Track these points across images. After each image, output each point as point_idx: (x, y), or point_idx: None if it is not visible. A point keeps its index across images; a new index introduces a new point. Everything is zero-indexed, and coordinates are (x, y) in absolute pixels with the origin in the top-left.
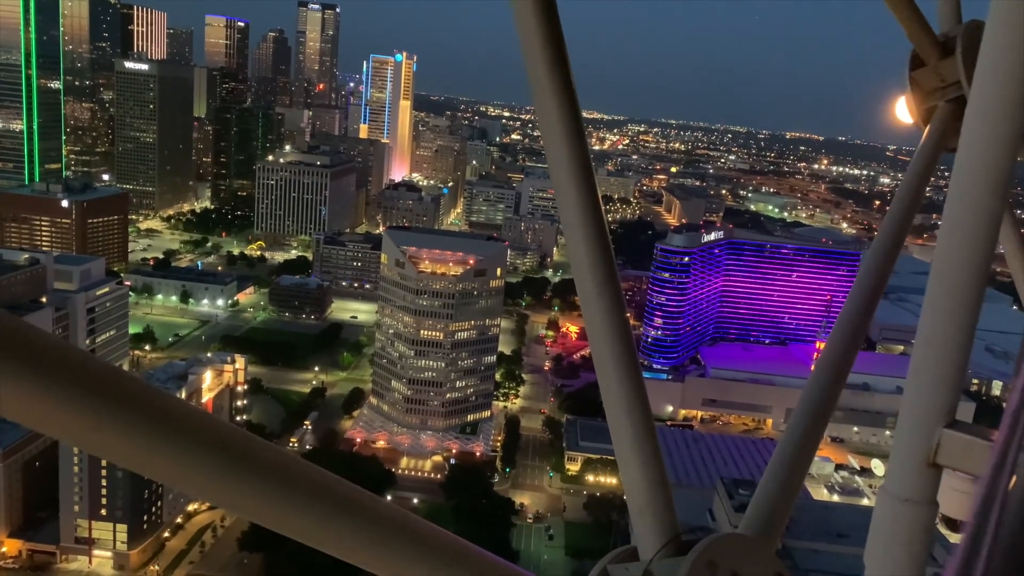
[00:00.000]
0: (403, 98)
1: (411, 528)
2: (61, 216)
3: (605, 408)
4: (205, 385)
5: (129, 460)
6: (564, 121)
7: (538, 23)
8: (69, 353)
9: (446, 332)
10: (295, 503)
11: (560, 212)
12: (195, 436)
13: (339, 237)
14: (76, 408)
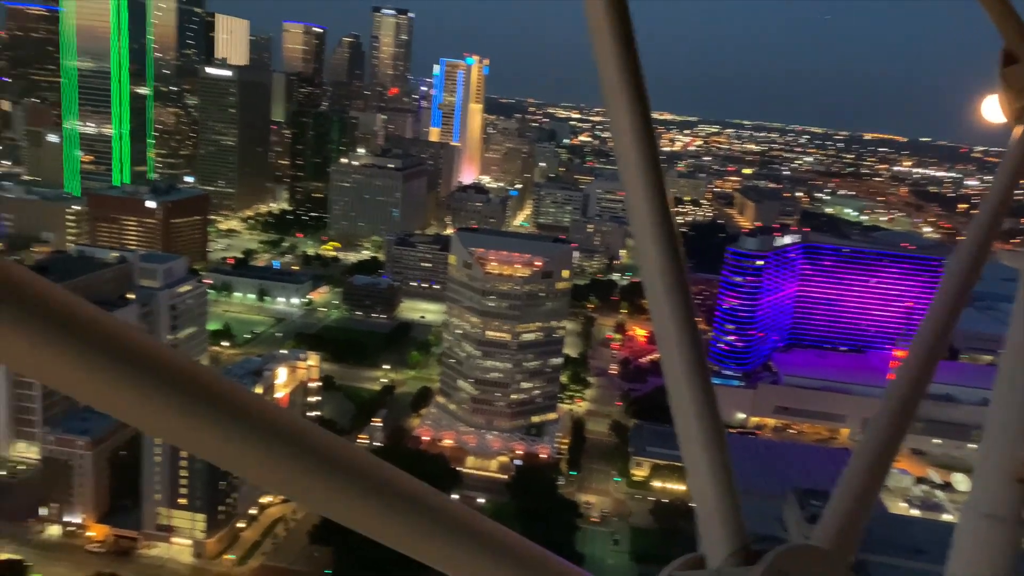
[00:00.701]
0: (473, 101)
1: (476, 526)
2: (147, 216)
3: (673, 413)
4: (280, 381)
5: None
6: (634, 122)
7: (609, 22)
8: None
9: (512, 333)
10: (359, 495)
11: (629, 214)
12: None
13: (409, 238)
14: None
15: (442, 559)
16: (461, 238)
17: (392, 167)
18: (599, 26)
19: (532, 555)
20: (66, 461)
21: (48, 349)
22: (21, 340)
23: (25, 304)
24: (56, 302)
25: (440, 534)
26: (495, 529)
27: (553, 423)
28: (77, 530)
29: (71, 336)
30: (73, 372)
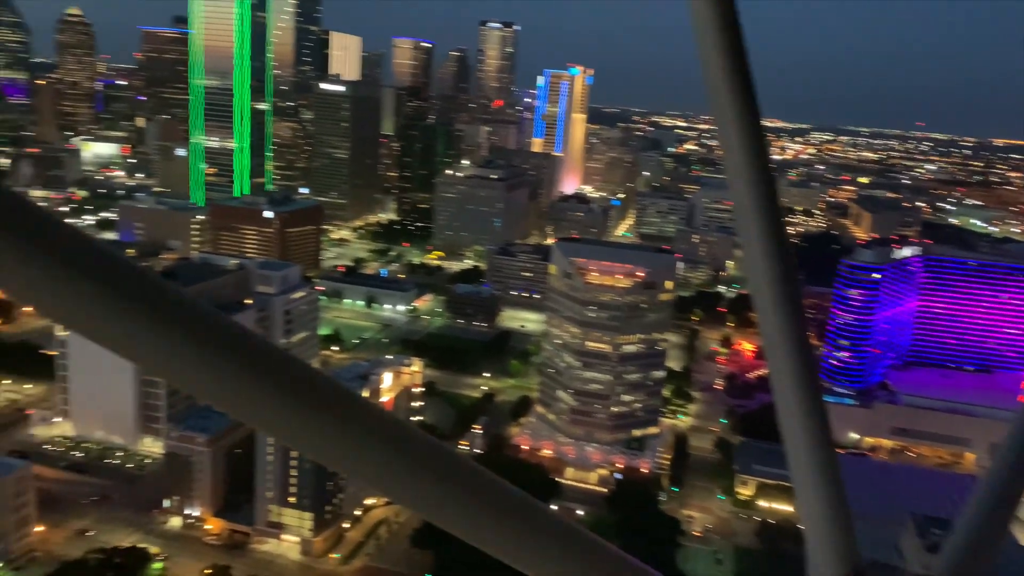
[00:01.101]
0: (577, 111)
1: (575, 537)
2: (265, 226)
3: (782, 432)
4: (385, 385)
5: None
6: (743, 129)
7: (716, 24)
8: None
9: (613, 344)
10: (461, 500)
11: (737, 224)
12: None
13: (510, 248)
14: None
15: (538, 568)
16: (561, 248)
17: (495, 178)
18: (705, 28)
19: (632, 569)
20: (187, 457)
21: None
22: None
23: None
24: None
25: (539, 543)
26: (594, 541)
27: (654, 437)
28: (196, 522)
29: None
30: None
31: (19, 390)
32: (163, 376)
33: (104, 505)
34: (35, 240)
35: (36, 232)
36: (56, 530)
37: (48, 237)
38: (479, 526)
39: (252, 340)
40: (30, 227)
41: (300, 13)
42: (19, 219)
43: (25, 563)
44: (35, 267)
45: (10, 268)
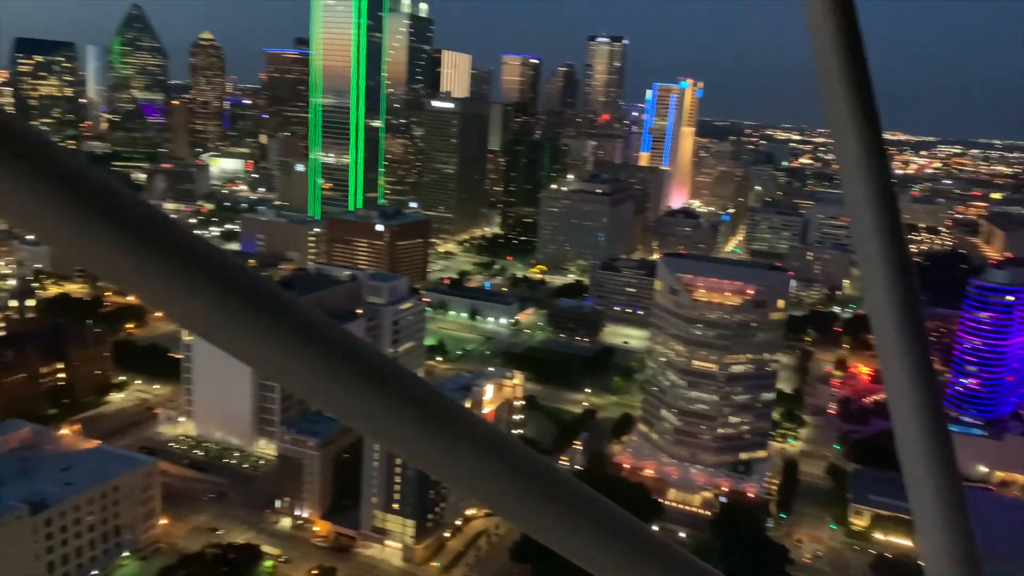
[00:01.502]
0: (685, 124)
1: (676, 558)
2: (375, 239)
3: (901, 461)
4: (487, 397)
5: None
6: (862, 142)
7: (833, 29)
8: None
9: (720, 364)
10: (561, 515)
11: (855, 241)
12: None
13: (615, 263)
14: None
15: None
16: (668, 263)
17: (600, 192)
18: (821, 34)
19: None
20: (298, 460)
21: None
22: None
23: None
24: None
25: (639, 563)
26: (696, 564)
27: (762, 461)
28: (304, 524)
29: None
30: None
31: (148, 390)
32: (277, 380)
33: (221, 502)
34: (169, 251)
35: (167, 243)
36: (178, 524)
37: (179, 249)
38: (579, 542)
39: (362, 348)
40: (165, 240)
41: (413, 33)
42: (152, 232)
43: (150, 554)
44: (165, 275)
45: (141, 276)
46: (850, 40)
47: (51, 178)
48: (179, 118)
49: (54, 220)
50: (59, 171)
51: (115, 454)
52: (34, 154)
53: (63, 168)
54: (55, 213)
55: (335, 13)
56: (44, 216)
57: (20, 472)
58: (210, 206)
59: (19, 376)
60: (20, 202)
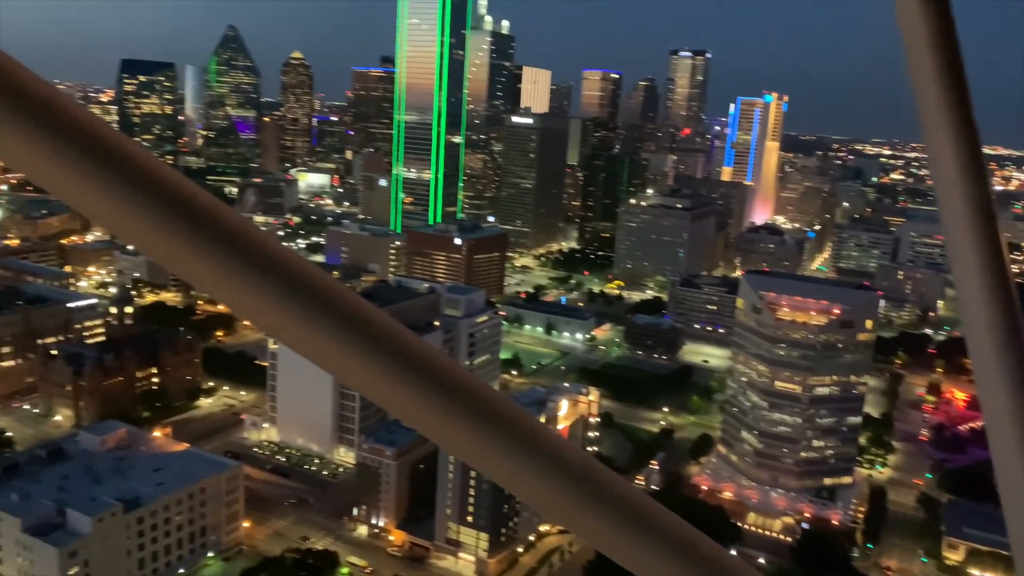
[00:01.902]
0: (770, 139)
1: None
2: (453, 252)
3: (1001, 493)
4: (562, 413)
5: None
6: (960, 156)
7: (929, 36)
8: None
9: (804, 385)
10: (639, 537)
11: (951, 261)
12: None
13: (695, 279)
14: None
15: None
16: (750, 281)
17: (680, 207)
18: (915, 40)
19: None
20: (376, 468)
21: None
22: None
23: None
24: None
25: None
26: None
27: (848, 488)
28: (380, 532)
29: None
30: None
31: (235, 396)
32: (357, 388)
33: (301, 508)
34: (259, 263)
35: (257, 254)
36: (260, 527)
37: (266, 259)
38: (655, 565)
39: (439, 360)
40: (253, 251)
41: (495, 50)
42: (243, 243)
43: (233, 555)
44: (253, 285)
45: (229, 285)
46: (946, 46)
47: (159, 198)
48: (270, 134)
49: (152, 232)
50: (161, 187)
51: (203, 457)
52: (140, 170)
53: (164, 184)
54: (154, 226)
55: (419, 32)
56: (141, 229)
57: (115, 471)
58: (297, 219)
59: (117, 379)
60: (121, 215)
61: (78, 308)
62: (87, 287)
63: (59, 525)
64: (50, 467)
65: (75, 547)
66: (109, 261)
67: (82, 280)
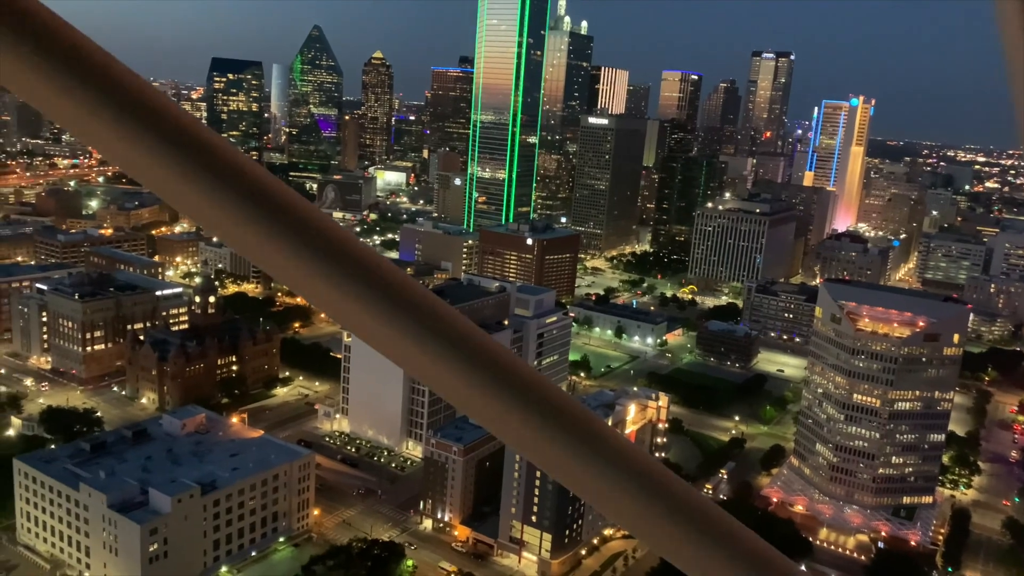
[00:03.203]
0: (855, 144)
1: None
2: (525, 252)
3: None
4: (630, 417)
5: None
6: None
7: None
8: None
9: (884, 400)
10: (706, 545)
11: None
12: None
13: (771, 286)
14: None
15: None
16: (830, 289)
17: (758, 212)
18: (1014, 44)
19: None
20: (442, 463)
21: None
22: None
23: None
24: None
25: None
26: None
27: (928, 507)
28: (445, 527)
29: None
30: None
31: (310, 387)
32: (427, 382)
33: (369, 499)
34: (335, 256)
35: (335, 249)
36: (328, 516)
37: (344, 255)
38: (722, 574)
39: (508, 359)
40: (332, 246)
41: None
42: (323, 238)
43: (302, 541)
44: (328, 278)
45: (313, 281)
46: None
47: (244, 193)
48: (350, 132)
49: (236, 225)
50: (245, 182)
51: (277, 444)
52: (226, 166)
53: (249, 179)
54: (239, 219)
55: (498, 32)
56: (227, 222)
57: (194, 454)
58: (374, 216)
59: (199, 366)
60: (208, 208)
61: (165, 296)
62: (173, 276)
63: (141, 503)
64: (135, 447)
65: (155, 525)
66: (195, 252)
67: (169, 269)
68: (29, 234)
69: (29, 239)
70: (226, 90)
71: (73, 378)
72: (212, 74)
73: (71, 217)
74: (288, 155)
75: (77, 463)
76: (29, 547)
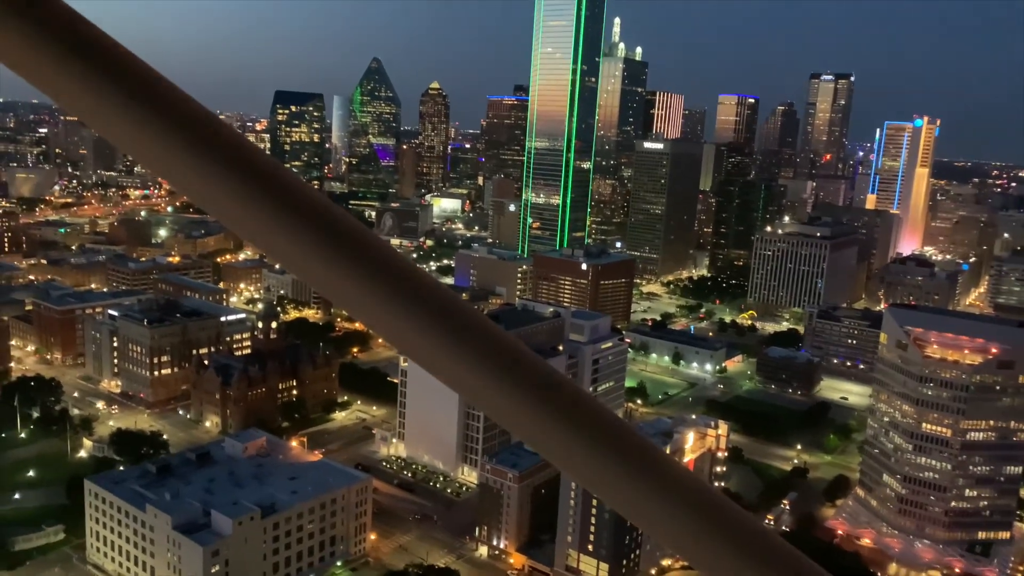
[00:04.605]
0: (919, 165)
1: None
2: (580, 277)
3: None
4: (688, 445)
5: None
6: None
7: None
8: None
9: (955, 429)
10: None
11: None
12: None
13: (834, 311)
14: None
15: None
16: (895, 315)
17: (819, 235)
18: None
19: None
20: (498, 490)
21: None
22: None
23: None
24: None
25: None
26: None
27: (1006, 544)
28: (500, 554)
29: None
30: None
31: (367, 411)
32: (482, 407)
33: (425, 524)
34: (394, 283)
35: (395, 276)
36: (385, 540)
37: (403, 281)
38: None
39: (563, 384)
40: (392, 272)
41: (627, 76)
42: (383, 265)
43: (359, 566)
44: (387, 304)
45: (371, 307)
46: None
47: (308, 221)
48: (408, 161)
49: (298, 252)
50: (308, 210)
51: (335, 468)
52: (290, 195)
53: (312, 207)
54: (302, 247)
55: (552, 60)
56: (289, 250)
57: (255, 477)
58: (430, 242)
59: (260, 390)
60: (271, 236)
61: (229, 322)
62: (237, 302)
63: (204, 525)
64: (198, 470)
65: (218, 547)
66: (258, 278)
67: (233, 295)
68: (102, 262)
69: (102, 267)
70: (289, 121)
71: (141, 401)
72: (276, 106)
73: (141, 245)
74: (348, 184)
75: (144, 484)
76: (98, 566)
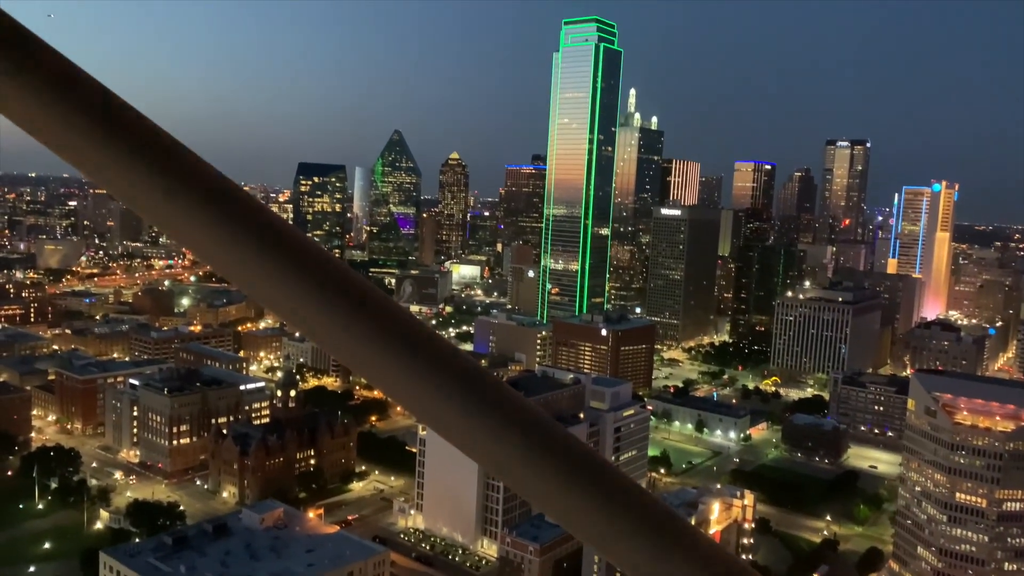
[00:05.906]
0: (940, 229)
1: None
2: (599, 343)
3: None
4: (714, 516)
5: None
6: None
7: None
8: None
9: (990, 499)
10: None
11: None
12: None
13: (859, 377)
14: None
15: None
16: (922, 380)
17: (841, 300)
18: None
19: None
20: (518, 563)
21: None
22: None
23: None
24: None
25: None
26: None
27: None
28: None
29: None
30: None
31: (385, 481)
32: (503, 478)
33: None
34: (413, 350)
35: (413, 343)
36: None
37: (422, 348)
38: None
39: (586, 454)
40: (410, 339)
41: (643, 144)
42: (402, 332)
43: None
44: (407, 371)
45: (391, 374)
46: None
47: (326, 288)
48: (427, 229)
49: (318, 319)
50: (328, 278)
51: (352, 540)
52: (311, 262)
53: (331, 275)
54: (321, 315)
55: (569, 131)
56: (309, 318)
57: (272, 549)
58: (450, 309)
59: (278, 460)
60: (291, 304)
61: (248, 390)
62: (257, 370)
63: None
64: (215, 542)
65: None
66: (278, 347)
67: (253, 364)
68: (125, 331)
69: (125, 336)
70: (311, 192)
71: (159, 471)
72: (299, 177)
73: (164, 315)
74: (369, 252)
75: (159, 557)
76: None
